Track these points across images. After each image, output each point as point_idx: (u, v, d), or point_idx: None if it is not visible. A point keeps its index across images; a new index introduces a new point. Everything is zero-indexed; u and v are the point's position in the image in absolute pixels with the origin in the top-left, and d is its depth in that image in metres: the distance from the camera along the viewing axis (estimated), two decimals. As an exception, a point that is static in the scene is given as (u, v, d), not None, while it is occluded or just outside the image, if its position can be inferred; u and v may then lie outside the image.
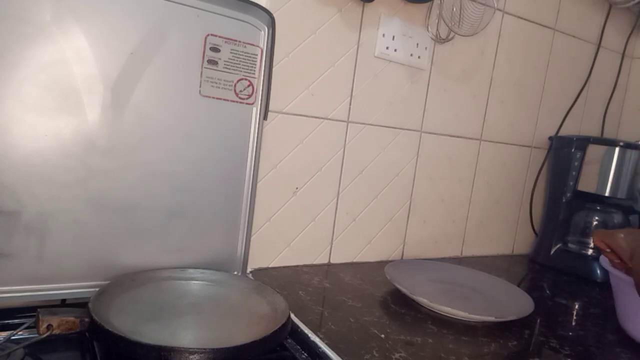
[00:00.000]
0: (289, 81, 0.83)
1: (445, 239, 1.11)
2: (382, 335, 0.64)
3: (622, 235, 0.74)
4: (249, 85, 0.75)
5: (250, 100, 0.75)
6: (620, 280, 0.75)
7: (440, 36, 0.97)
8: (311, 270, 0.88)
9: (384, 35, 0.91)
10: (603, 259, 0.80)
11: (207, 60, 0.71)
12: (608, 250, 0.74)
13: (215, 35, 0.71)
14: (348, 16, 0.87)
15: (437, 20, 0.96)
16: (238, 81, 0.74)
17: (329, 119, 0.89)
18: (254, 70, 0.75)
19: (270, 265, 0.87)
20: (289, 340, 0.62)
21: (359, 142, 0.93)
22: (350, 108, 0.91)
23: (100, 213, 0.66)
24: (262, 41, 0.75)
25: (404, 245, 1.04)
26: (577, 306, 0.87)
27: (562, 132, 1.24)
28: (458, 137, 1.07)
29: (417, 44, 0.95)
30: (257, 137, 0.76)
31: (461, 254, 1.15)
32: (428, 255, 1.08)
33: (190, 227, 0.73)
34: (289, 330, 0.61)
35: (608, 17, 1.24)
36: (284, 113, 0.84)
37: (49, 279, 0.63)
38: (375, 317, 0.70)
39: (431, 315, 0.73)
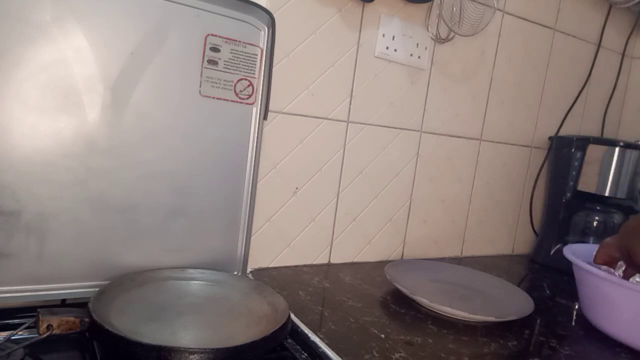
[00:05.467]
0: (289, 81, 0.83)
1: (445, 239, 1.11)
2: (382, 335, 0.64)
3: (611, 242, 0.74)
4: (249, 85, 0.75)
5: (250, 100, 0.75)
6: (582, 270, 0.76)
7: (440, 36, 0.97)
8: (311, 270, 0.88)
9: (384, 35, 0.91)
10: (566, 250, 0.80)
11: (207, 60, 0.71)
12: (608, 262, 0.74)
13: (215, 35, 0.71)
14: (348, 16, 0.87)
15: (437, 20, 0.96)
16: (238, 81, 0.74)
17: (329, 119, 0.89)
18: (254, 70, 0.75)
19: (270, 265, 0.87)
20: (289, 340, 0.62)
21: (359, 142, 0.93)
22: (350, 108, 0.91)
23: (100, 213, 0.66)
24: (262, 41, 0.75)
25: (404, 245, 1.04)
26: (577, 306, 0.87)
27: (562, 132, 1.24)
28: (458, 137, 1.07)
29: (417, 44, 0.95)
30: (257, 137, 0.76)
31: (461, 254, 1.15)
32: (428, 255, 1.08)
33: (190, 227, 0.73)
34: (289, 330, 0.61)
35: (608, 17, 1.24)
36: (284, 113, 0.84)
37: (49, 279, 0.63)
38: (375, 317, 0.70)
39: (431, 315, 0.73)
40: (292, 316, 0.66)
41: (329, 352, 0.58)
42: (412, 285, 0.79)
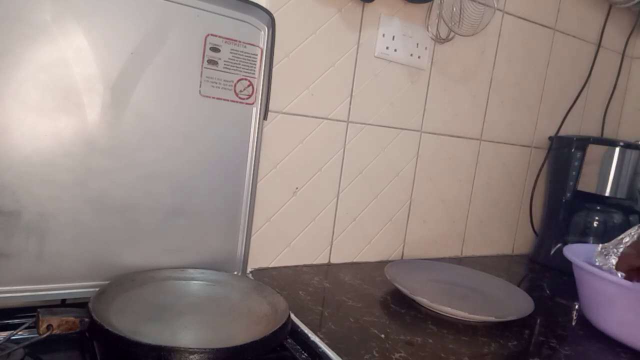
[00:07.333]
0: (289, 81, 0.83)
1: (445, 239, 1.11)
2: (382, 335, 0.64)
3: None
4: (249, 85, 0.75)
5: (250, 100, 0.75)
6: (582, 270, 0.76)
7: (440, 36, 0.97)
8: (311, 270, 0.88)
9: (384, 35, 0.91)
10: (566, 250, 0.80)
11: (207, 60, 0.71)
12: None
13: (215, 35, 0.71)
14: (348, 16, 0.87)
15: (437, 20, 0.96)
16: (238, 81, 0.74)
17: (329, 119, 0.89)
18: (254, 70, 0.75)
19: (270, 265, 0.87)
20: (289, 340, 0.62)
21: (359, 142, 0.93)
22: (350, 108, 0.91)
23: (100, 213, 0.66)
24: (262, 41, 0.75)
25: (404, 245, 1.04)
26: (577, 306, 0.87)
27: (562, 132, 1.23)
28: (458, 137, 1.07)
29: (417, 44, 0.95)
30: (257, 137, 0.76)
31: (461, 254, 1.15)
32: (428, 255, 1.08)
33: (190, 227, 0.73)
34: (289, 330, 0.61)
35: (608, 17, 1.24)
36: (284, 113, 0.84)
37: (49, 279, 0.63)
38: (375, 317, 0.70)
39: (431, 315, 0.73)
40: (292, 316, 0.66)
41: (329, 352, 0.58)
42: (412, 285, 0.79)
